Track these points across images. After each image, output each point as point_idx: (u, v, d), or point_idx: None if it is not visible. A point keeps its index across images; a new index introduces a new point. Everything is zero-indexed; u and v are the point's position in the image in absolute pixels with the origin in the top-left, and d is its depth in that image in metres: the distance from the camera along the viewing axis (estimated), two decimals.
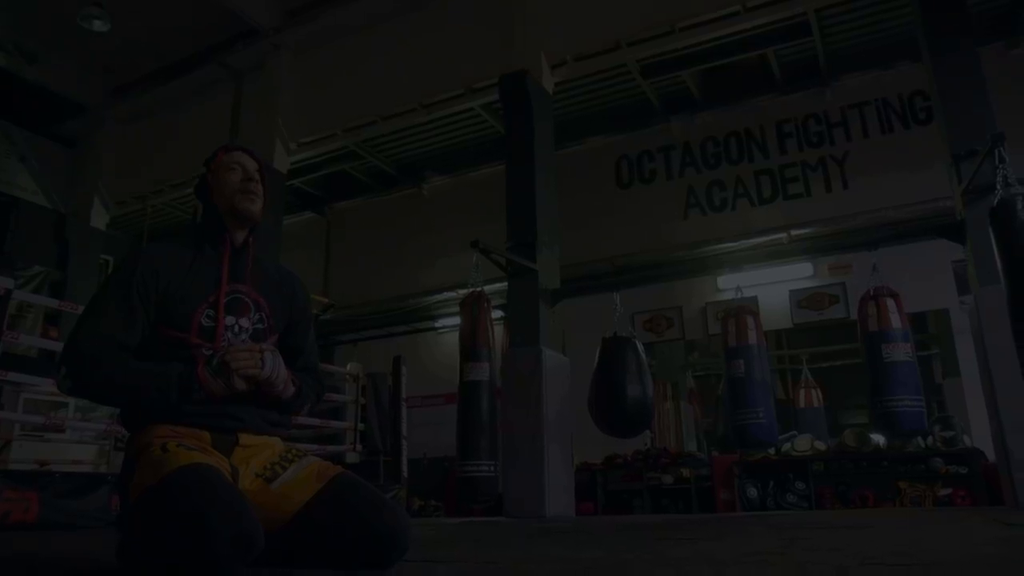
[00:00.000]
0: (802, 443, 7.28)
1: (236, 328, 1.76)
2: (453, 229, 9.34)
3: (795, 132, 8.48)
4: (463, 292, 6.19)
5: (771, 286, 8.25)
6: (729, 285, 7.75)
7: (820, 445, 7.27)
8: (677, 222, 8.82)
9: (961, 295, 7.07)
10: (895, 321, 5.23)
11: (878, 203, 7.62)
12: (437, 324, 10.44)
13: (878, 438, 6.90)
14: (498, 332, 6.15)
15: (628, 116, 9.13)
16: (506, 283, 6.40)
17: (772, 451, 7.11)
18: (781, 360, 9.30)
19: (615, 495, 7.98)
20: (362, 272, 10.86)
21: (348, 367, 7.42)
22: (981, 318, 4.80)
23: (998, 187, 4.58)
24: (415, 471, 7.69)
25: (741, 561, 1.77)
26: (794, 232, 8.20)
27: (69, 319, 7.63)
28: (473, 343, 5.74)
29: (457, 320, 6.31)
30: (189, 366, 1.66)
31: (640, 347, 6.01)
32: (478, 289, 5.94)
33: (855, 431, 7.32)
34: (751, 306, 6.51)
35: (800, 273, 8.38)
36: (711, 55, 7.88)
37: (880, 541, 2.19)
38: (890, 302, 5.28)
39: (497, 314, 6.20)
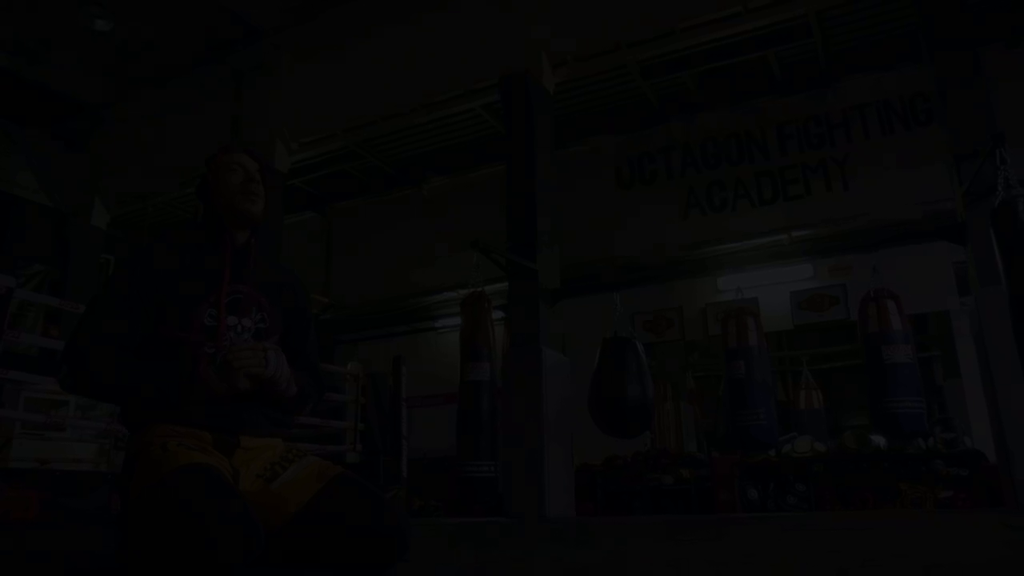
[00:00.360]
0: (802, 444, 7.27)
1: (238, 328, 1.76)
2: (453, 229, 9.34)
3: (796, 133, 8.46)
4: (463, 292, 6.18)
5: (772, 287, 8.25)
6: (730, 286, 7.75)
7: (820, 447, 7.25)
8: (677, 223, 8.81)
9: (962, 296, 7.07)
10: (896, 323, 5.23)
11: (879, 204, 7.61)
12: (437, 324, 10.44)
13: (879, 440, 6.89)
14: (498, 332, 6.15)
15: (628, 116, 9.13)
16: (506, 283, 6.39)
17: (772, 452, 7.10)
18: (782, 361, 9.30)
19: (615, 496, 7.97)
20: (362, 272, 10.86)
21: (348, 367, 7.42)
22: (982, 320, 4.79)
23: (999, 188, 4.58)
24: (415, 471, 7.67)
25: (741, 562, 1.77)
26: (795, 233, 8.20)
27: (70, 318, 7.62)
28: (473, 343, 5.74)
29: (457, 320, 6.32)
30: (191, 365, 1.66)
31: (640, 347, 6.01)
32: (478, 289, 5.93)
33: (856, 433, 7.30)
34: (752, 307, 6.51)
35: (801, 274, 8.38)
36: (712, 56, 7.88)
37: (881, 543, 2.18)
38: (891, 304, 5.28)
39: (497, 314, 6.20)
